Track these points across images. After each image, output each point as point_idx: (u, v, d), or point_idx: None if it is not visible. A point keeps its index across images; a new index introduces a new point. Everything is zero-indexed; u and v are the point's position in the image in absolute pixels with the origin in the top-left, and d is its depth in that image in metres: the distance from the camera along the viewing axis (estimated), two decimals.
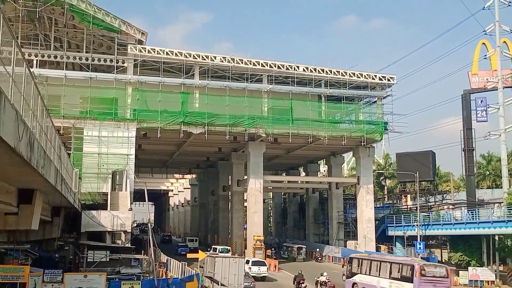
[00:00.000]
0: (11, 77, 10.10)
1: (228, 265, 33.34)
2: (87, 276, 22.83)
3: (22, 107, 11.04)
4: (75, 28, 48.82)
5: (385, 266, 34.39)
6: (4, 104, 8.64)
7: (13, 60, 10.48)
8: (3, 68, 9.60)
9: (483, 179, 72.77)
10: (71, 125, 44.95)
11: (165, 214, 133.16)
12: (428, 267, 32.34)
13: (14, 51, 10.57)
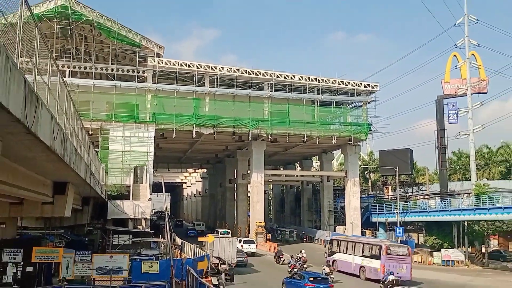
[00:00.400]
0: (47, 86, 10.15)
1: (224, 244, 35.31)
2: (113, 257, 22.83)
3: (56, 111, 11.10)
4: (102, 43, 48.92)
5: (359, 246, 35.97)
6: (41, 109, 8.70)
7: (49, 71, 10.54)
8: (40, 78, 9.65)
9: (454, 173, 72.67)
10: (98, 126, 45.08)
11: (179, 203, 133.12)
12: (392, 247, 33.71)
13: (50, 63, 10.63)
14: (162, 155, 60.49)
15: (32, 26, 8.97)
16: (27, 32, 8.55)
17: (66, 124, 12.83)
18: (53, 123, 10.08)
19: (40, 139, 8.79)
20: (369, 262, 33.66)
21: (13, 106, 6.87)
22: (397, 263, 32.04)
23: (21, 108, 7.32)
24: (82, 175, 16.51)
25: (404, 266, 32.28)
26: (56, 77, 11.69)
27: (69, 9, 44.05)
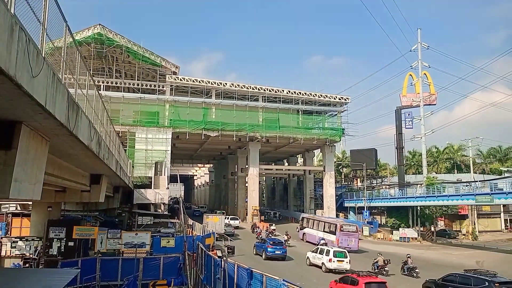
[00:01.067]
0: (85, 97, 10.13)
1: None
2: (137, 234, 22.83)
3: (93, 117, 11.07)
4: (129, 63, 48.74)
5: (322, 224, 38.27)
6: (80, 116, 8.68)
7: (87, 85, 10.51)
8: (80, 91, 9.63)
9: (410, 167, 72.88)
10: (126, 130, 44.87)
11: (191, 192, 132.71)
12: (345, 226, 36.11)
13: (88, 79, 10.60)
14: (177, 152, 60.33)
15: (73, 50, 8.96)
16: (69, 54, 8.54)
17: (100, 128, 12.80)
18: (90, 127, 10.07)
19: (80, 139, 8.78)
20: (328, 236, 35.93)
21: (59, 113, 6.87)
22: (348, 237, 34.73)
23: (65, 114, 7.31)
24: (113, 168, 16.48)
25: (353, 239, 35.08)
26: (92, 90, 11.68)
27: (103, 36, 43.95)
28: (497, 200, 37.26)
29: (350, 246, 33.52)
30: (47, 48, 6.55)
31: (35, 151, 7.61)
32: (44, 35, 6.30)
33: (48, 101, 6.23)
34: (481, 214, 56.18)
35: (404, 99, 56.22)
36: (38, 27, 6.16)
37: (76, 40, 9.11)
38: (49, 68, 6.36)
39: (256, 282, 12.57)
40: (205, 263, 18.79)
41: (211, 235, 29.53)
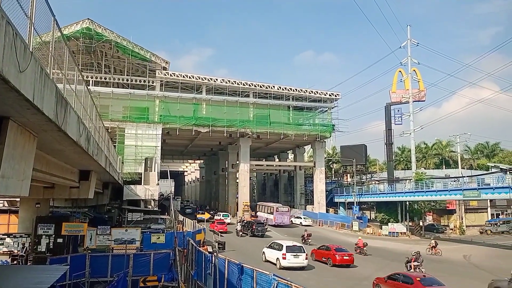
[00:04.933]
0: (74, 93, 10.04)
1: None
2: (128, 230, 22.76)
3: (82, 113, 10.98)
4: (119, 58, 48.27)
5: (266, 207, 50.33)
6: (69, 111, 8.62)
7: (76, 81, 10.41)
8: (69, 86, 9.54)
9: (399, 163, 73.51)
10: (116, 125, 44.57)
11: (182, 187, 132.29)
12: (279, 208, 48.25)
13: (76, 74, 10.50)
14: (167, 148, 60.13)
15: (62, 44, 8.87)
16: (57, 49, 8.45)
17: (89, 123, 12.70)
18: (79, 123, 9.99)
19: (69, 135, 8.71)
20: (268, 215, 47.87)
21: (47, 108, 6.81)
22: (282, 216, 46.74)
23: (53, 110, 7.25)
24: (102, 164, 16.37)
25: (286, 217, 47.15)
26: (81, 85, 11.57)
27: (92, 31, 43.41)
28: (484, 195, 37.86)
29: (283, 222, 46.39)
30: (34, 42, 6.48)
31: (23, 147, 7.54)
32: (31, 29, 6.23)
33: (36, 96, 6.18)
34: (468, 209, 57.04)
35: (394, 96, 56.64)
36: (25, 21, 6.09)
37: (64, 35, 9.01)
38: (37, 63, 6.30)
39: (247, 277, 12.65)
40: (196, 258, 18.82)
41: (202, 231, 29.54)
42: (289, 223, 47.44)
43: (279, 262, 23.24)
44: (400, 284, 16.96)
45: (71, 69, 10.06)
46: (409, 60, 55.28)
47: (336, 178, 74.91)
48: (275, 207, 47.97)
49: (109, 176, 22.42)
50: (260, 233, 37.14)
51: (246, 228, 38.80)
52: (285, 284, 10.23)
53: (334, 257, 24.79)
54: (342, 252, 25.16)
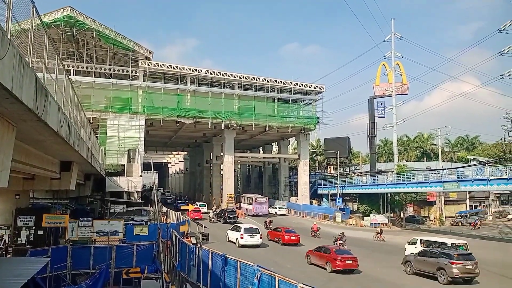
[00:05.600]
0: (55, 82, 9.85)
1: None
2: (110, 222, 22.59)
3: (62, 103, 10.79)
4: (101, 47, 47.34)
5: (247, 198, 53.22)
6: (49, 101, 8.46)
7: (56, 70, 10.21)
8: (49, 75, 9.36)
9: (381, 156, 74.72)
10: (98, 116, 43.86)
11: (166, 179, 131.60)
12: (258, 198, 51.46)
13: (57, 63, 10.29)
14: (151, 140, 59.51)
15: (41, 32, 8.67)
16: (37, 37, 8.26)
17: (71, 113, 12.49)
18: (60, 113, 9.82)
19: (49, 125, 8.57)
20: (248, 206, 51.20)
21: (26, 97, 6.68)
22: (260, 206, 50.15)
23: (32, 99, 7.11)
24: (84, 155, 16.15)
25: (264, 207, 50.57)
26: (62, 75, 11.34)
27: (73, 19, 42.37)
28: (463, 187, 38.88)
29: (262, 211, 49.59)
30: (13, 30, 6.32)
31: (1, 137, 7.38)
32: (9, 16, 6.07)
33: (15, 85, 6.05)
34: (448, 200, 58.44)
35: (377, 89, 57.28)
36: (3, 8, 5.93)
37: (44, 22, 8.81)
38: (15, 50, 6.15)
39: (231, 268, 12.74)
40: (179, 250, 18.83)
41: (186, 222, 29.52)
42: (267, 212, 50.46)
43: (238, 241, 27.73)
44: (322, 253, 22.25)
45: (52, 58, 9.85)
46: (392, 53, 55.90)
47: (320, 170, 75.64)
48: (254, 197, 51.23)
49: (91, 167, 22.15)
50: (232, 220, 39.99)
51: (219, 216, 43.68)
52: (268, 275, 10.35)
53: (283, 237, 29.88)
54: (290, 233, 30.42)
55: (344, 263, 20.72)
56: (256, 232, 28.16)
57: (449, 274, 18.75)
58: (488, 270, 21.89)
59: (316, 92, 58.19)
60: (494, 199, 66.29)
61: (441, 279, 19.05)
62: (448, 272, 18.78)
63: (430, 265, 19.89)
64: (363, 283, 19.40)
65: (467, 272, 18.79)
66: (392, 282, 19.73)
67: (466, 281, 19.05)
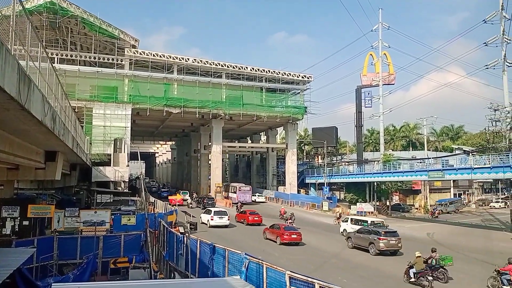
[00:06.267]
0: (38, 70, 9.68)
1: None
2: (97, 212, 22.43)
3: (46, 92, 10.60)
4: (85, 35, 46.40)
5: (233, 187, 53.48)
6: (33, 89, 8.33)
7: (39, 57, 10.02)
8: (32, 64, 9.18)
9: (368, 145, 75.52)
10: (83, 105, 43.18)
11: (153, 169, 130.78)
12: (242, 187, 52.32)
13: (40, 51, 10.09)
14: (137, 129, 58.97)
15: (24, 19, 8.48)
16: (19, 23, 8.07)
17: (55, 102, 12.28)
18: (44, 101, 9.66)
19: (33, 114, 8.43)
20: (233, 195, 51.66)
21: (8, 86, 6.55)
22: (244, 194, 51.09)
23: (15, 87, 6.98)
24: (69, 145, 15.95)
25: (248, 195, 51.49)
26: (46, 63, 11.13)
27: (56, 5, 41.37)
28: (447, 176, 39.65)
29: (246, 199, 50.27)
30: None
31: None
32: None
33: None
34: (433, 189, 59.62)
35: (364, 79, 57.60)
36: None
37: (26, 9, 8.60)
38: None
39: (219, 257, 12.83)
40: (167, 239, 18.88)
41: (173, 212, 29.52)
42: (251, 201, 51.96)
43: (209, 222, 31.82)
44: (274, 230, 27.02)
45: (35, 46, 9.64)
46: (380, 43, 56.16)
47: (307, 160, 76.14)
48: (238, 186, 52.41)
49: (76, 157, 21.89)
50: (210, 206, 41.45)
51: (198, 202, 47.30)
52: (256, 263, 10.46)
53: (247, 218, 34.31)
54: (254, 215, 34.59)
55: (290, 237, 25.58)
56: (224, 214, 32.28)
57: (377, 247, 22.71)
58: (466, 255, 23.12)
59: (304, 82, 58.26)
60: (478, 187, 67.91)
61: (371, 251, 23.09)
62: (376, 246, 22.77)
63: (364, 240, 24.01)
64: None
65: (391, 246, 22.81)
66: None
67: (392, 253, 22.97)
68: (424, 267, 17.05)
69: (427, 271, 16.92)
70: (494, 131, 41.65)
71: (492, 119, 41.04)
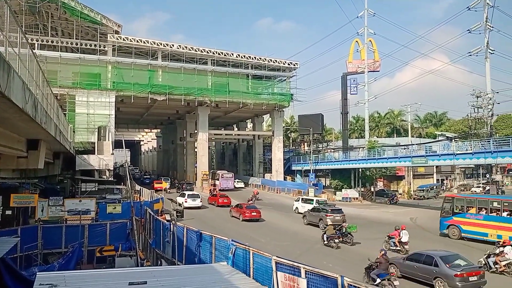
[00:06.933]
0: (18, 56, 9.46)
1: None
2: (81, 200, 22.26)
3: (27, 78, 10.38)
4: (67, 20, 45.19)
5: (217, 175, 54.42)
6: (13, 76, 8.15)
7: (19, 43, 9.77)
8: (12, 49, 8.96)
9: (353, 132, 76.26)
10: (65, 92, 42.28)
11: (138, 157, 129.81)
12: (224, 174, 54.43)
13: (20, 36, 9.84)
14: (122, 117, 58.19)
15: (1, 3, 8.24)
16: None
17: (36, 90, 12.03)
18: (25, 89, 9.47)
19: (13, 102, 8.27)
20: (217, 181, 52.71)
21: None
22: (227, 181, 53.06)
23: None
24: (52, 133, 15.70)
25: (230, 182, 53.40)
26: (26, 49, 10.86)
27: None
28: (430, 162, 40.43)
29: (228, 186, 52.23)
30: None
31: None
32: None
33: None
34: (416, 175, 60.71)
35: (350, 65, 57.75)
36: None
37: None
38: None
39: (206, 244, 12.92)
40: (154, 227, 18.89)
41: (160, 200, 29.47)
42: (233, 187, 53.58)
43: (183, 204, 35.45)
44: (238, 208, 31.55)
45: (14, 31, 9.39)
46: (365, 30, 56.23)
47: (293, 147, 76.54)
48: (220, 173, 54.29)
49: (59, 145, 21.56)
50: (187, 190, 43.19)
51: (178, 188, 50.28)
52: (242, 249, 10.58)
53: (218, 200, 39.06)
54: (223, 197, 39.46)
55: (250, 214, 30.15)
56: (197, 197, 36.99)
57: (325, 222, 26.62)
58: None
59: (290, 69, 58.17)
60: (460, 173, 69.39)
61: (321, 227, 26.88)
62: (324, 221, 26.91)
63: (316, 217, 28.47)
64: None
65: (337, 221, 26.16)
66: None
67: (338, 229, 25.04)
68: (334, 233, 22.06)
69: (335, 236, 21.79)
70: (476, 117, 42.50)
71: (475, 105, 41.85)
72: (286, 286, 8.16)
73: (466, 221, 23.47)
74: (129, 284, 8.16)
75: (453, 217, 24.26)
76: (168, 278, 9.11)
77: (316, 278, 7.47)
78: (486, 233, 22.17)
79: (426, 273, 14.83)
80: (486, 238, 21.98)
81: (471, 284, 13.84)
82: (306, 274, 7.71)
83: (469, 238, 23.11)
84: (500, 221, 21.58)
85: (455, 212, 24.26)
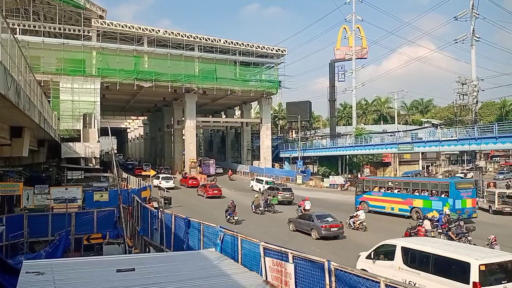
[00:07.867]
0: None
1: None
2: (68, 189, 22.09)
3: (9, 64, 10.13)
4: (49, 4, 43.90)
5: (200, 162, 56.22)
6: None
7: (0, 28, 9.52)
8: None
9: (341, 119, 76.61)
10: (49, 79, 41.37)
11: (125, 145, 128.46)
12: (204, 160, 57.74)
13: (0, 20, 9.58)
14: (107, 104, 57.26)
15: None
16: None
17: (19, 76, 11.78)
18: (6, 74, 9.27)
19: None
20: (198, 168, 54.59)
21: None
22: (207, 167, 55.69)
23: None
24: (36, 120, 15.46)
25: (211, 168, 56.16)
26: (7, 34, 10.58)
27: None
28: (416, 148, 41.13)
29: (209, 171, 54.33)
30: None
31: None
32: None
33: None
34: (402, 161, 61.53)
35: (338, 52, 57.82)
36: None
37: None
38: None
39: (194, 230, 12.98)
40: (141, 215, 18.88)
41: (147, 188, 29.40)
42: (214, 173, 55.47)
43: (158, 185, 37.31)
44: (203, 188, 37.64)
45: None
46: (353, 16, 56.23)
47: (282, 134, 76.69)
48: (201, 160, 57.81)
49: (44, 133, 21.26)
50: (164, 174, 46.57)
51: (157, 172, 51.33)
52: (230, 235, 10.67)
53: (187, 182, 44.22)
54: (193, 179, 44.66)
55: (213, 192, 36.09)
56: (170, 179, 41.86)
57: (277, 198, 32.29)
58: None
59: (278, 56, 57.90)
60: (445, 159, 70.62)
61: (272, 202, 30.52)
62: (276, 198, 32.28)
63: (271, 194, 32.98)
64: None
65: (286, 198, 32.76)
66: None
67: (287, 203, 32.31)
68: (260, 203, 28.29)
69: (261, 205, 28.11)
70: (461, 104, 43.12)
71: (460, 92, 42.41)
72: (274, 271, 8.29)
73: (371, 197, 28.72)
74: (117, 271, 8.18)
75: (363, 195, 29.40)
76: (157, 265, 9.17)
77: (304, 263, 7.60)
78: (383, 206, 27.70)
79: (307, 226, 21.42)
80: (384, 210, 27.47)
81: (332, 232, 20.51)
82: (294, 259, 7.84)
83: (374, 211, 27.97)
84: (392, 196, 27.28)
85: (364, 191, 29.56)
